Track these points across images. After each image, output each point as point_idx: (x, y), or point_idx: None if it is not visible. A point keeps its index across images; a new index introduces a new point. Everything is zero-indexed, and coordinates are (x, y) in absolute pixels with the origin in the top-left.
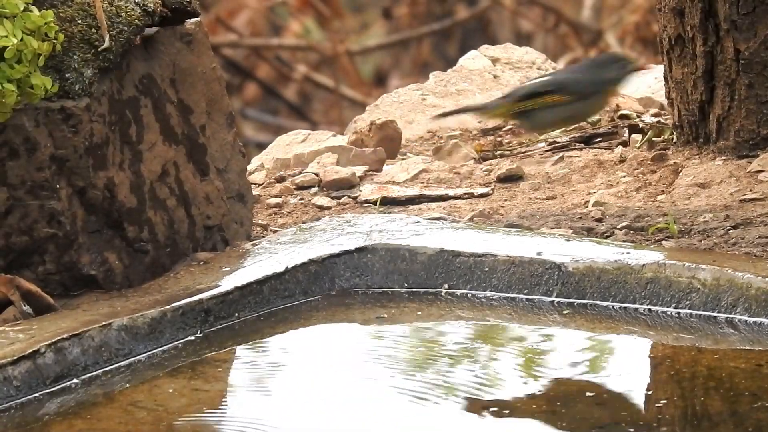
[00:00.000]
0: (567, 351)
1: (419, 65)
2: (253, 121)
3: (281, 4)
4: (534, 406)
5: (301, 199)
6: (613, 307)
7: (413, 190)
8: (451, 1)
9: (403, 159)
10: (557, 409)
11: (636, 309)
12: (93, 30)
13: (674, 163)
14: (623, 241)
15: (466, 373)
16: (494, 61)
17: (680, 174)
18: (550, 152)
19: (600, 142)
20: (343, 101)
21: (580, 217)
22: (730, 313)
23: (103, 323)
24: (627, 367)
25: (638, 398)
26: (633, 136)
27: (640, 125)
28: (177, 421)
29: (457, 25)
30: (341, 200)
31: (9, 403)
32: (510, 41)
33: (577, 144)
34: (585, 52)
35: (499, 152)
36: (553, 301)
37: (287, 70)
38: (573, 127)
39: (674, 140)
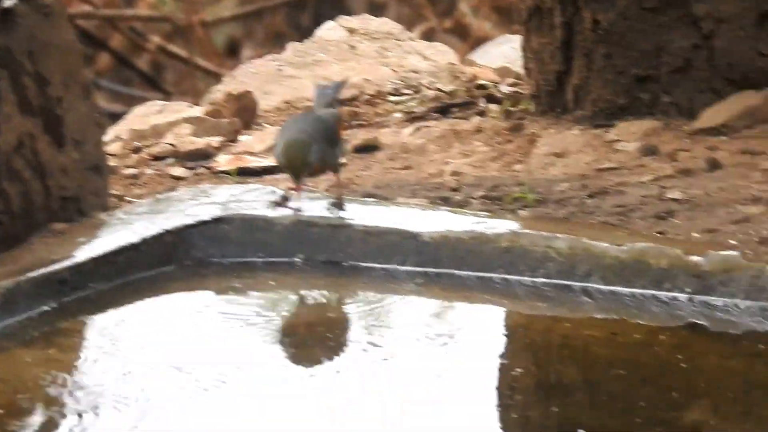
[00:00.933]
0: (422, 320)
1: (273, 36)
2: (105, 91)
3: None
4: (386, 374)
5: (157, 170)
6: (468, 276)
7: (269, 161)
8: None
9: (259, 129)
10: (410, 377)
11: (491, 278)
12: None
13: (531, 132)
14: (479, 210)
15: (319, 341)
16: (351, 31)
17: (537, 143)
18: (406, 122)
19: (457, 112)
20: (197, 72)
21: (437, 187)
22: (586, 282)
23: None
24: (482, 336)
25: (494, 367)
26: (490, 106)
27: (497, 95)
28: (32, 391)
29: None
30: (197, 171)
31: None
32: (364, 12)
33: (434, 114)
34: (440, 23)
35: (355, 122)
36: (408, 270)
37: (141, 40)
38: (430, 97)
39: (531, 110)
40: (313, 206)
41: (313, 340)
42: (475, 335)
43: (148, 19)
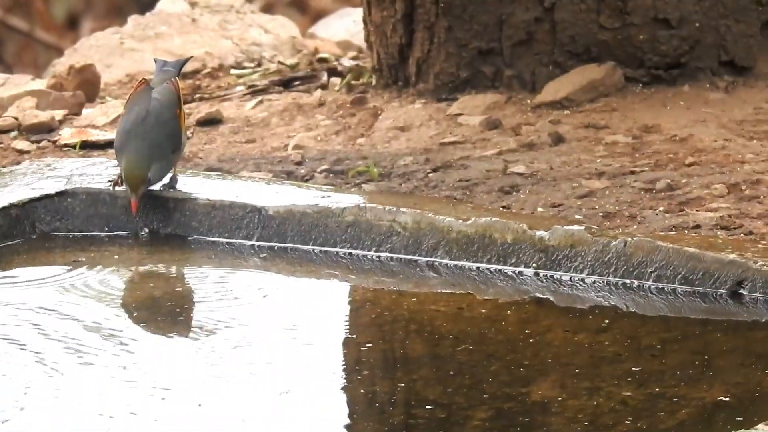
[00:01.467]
0: (267, 294)
1: (114, 8)
2: None
3: None
4: (233, 347)
5: (0, 143)
6: (313, 250)
7: (113, 134)
8: None
9: (102, 103)
10: (255, 354)
11: (337, 253)
12: None
13: (374, 106)
14: (323, 184)
15: (164, 315)
16: (192, 4)
17: (380, 117)
18: (249, 96)
19: (299, 85)
20: (37, 45)
21: (280, 161)
22: (431, 257)
23: None
24: (328, 310)
25: (339, 343)
26: (332, 79)
27: (339, 69)
28: None
29: None
30: (41, 144)
31: None
32: None
33: (277, 88)
34: None
35: (198, 95)
36: (253, 244)
37: None
38: (273, 70)
39: (373, 83)
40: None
41: (158, 314)
42: (321, 310)
43: None
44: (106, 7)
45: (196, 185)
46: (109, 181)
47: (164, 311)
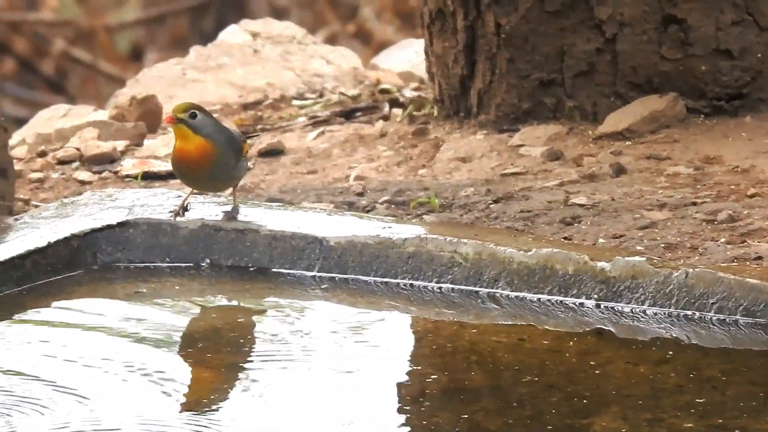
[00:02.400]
0: (329, 326)
1: (176, 40)
2: (10, 96)
3: None
4: (297, 379)
5: (62, 174)
6: (374, 281)
7: None
8: None
9: (164, 134)
10: (318, 384)
11: (398, 284)
12: None
13: (435, 137)
14: (385, 215)
15: (225, 346)
16: (254, 35)
17: (441, 148)
18: (311, 126)
19: (361, 116)
20: (101, 76)
21: (342, 192)
22: (492, 288)
23: None
24: (389, 342)
25: (402, 374)
26: (393, 110)
27: (401, 100)
28: None
29: (213, 1)
30: (103, 175)
31: None
32: (267, 16)
33: (338, 118)
34: (343, 27)
35: (260, 126)
36: (314, 275)
37: (44, 44)
38: (334, 101)
39: (435, 114)
40: (216, 211)
41: (219, 345)
42: (383, 342)
43: (51, 23)
44: (169, 39)
45: (257, 216)
46: (171, 212)
47: (226, 342)
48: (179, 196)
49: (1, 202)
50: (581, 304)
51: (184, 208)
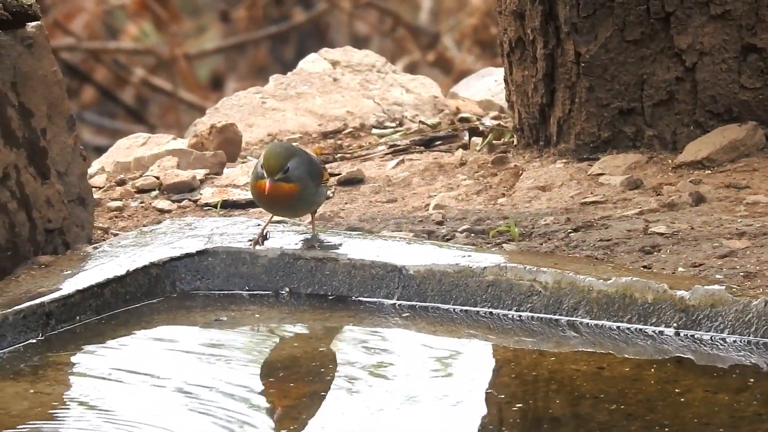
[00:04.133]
0: (408, 354)
1: (256, 69)
2: (90, 125)
3: (118, 8)
4: (377, 407)
5: (141, 203)
6: (454, 310)
7: None
8: (288, 5)
9: (243, 162)
10: (397, 409)
11: (477, 312)
12: None
13: (515, 165)
14: (464, 244)
15: (306, 373)
16: (334, 64)
17: (521, 177)
18: (390, 155)
19: (440, 145)
20: (181, 105)
21: (421, 220)
22: (572, 316)
23: None
24: (469, 369)
25: (481, 401)
26: (473, 139)
27: (481, 128)
28: (19, 425)
29: (294, 29)
30: (182, 203)
31: None
32: (347, 45)
33: (418, 147)
34: (423, 55)
35: (339, 155)
36: (394, 303)
37: (125, 73)
38: (414, 130)
39: (515, 143)
40: (295, 240)
41: (299, 374)
42: (463, 370)
43: (131, 52)
44: (249, 67)
45: (337, 244)
46: (250, 241)
47: (305, 371)
48: (258, 225)
49: (80, 231)
50: (660, 332)
51: (264, 237)
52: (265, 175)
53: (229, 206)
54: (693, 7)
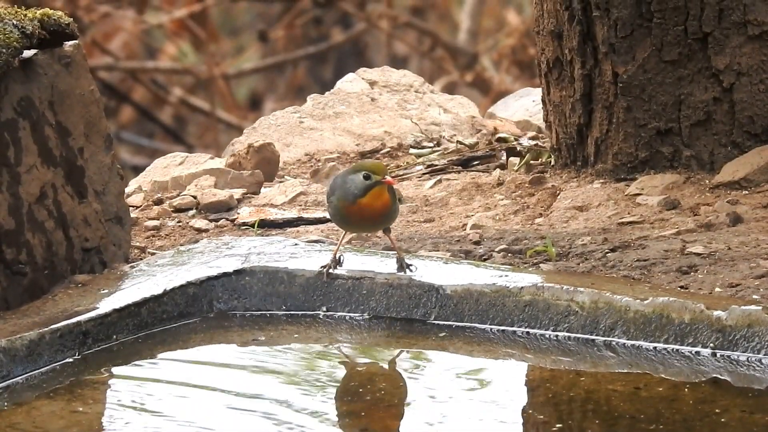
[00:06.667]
0: (445, 373)
1: (294, 89)
2: (128, 144)
3: (157, 27)
4: (413, 427)
5: (179, 222)
6: (491, 329)
7: (291, 213)
8: (326, 25)
9: (281, 182)
10: (434, 428)
11: (514, 332)
12: None
13: (552, 186)
14: (501, 264)
15: (344, 393)
16: (372, 83)
17: (558, 197)
18: (428, 175)
19: (478, 165)
20: (219, 124)
21: (458, 240)
22: (609, 336)
23: None
24: (505, 389)
25: (517, 421)
26: (511, 159)
27: (518, 148)
28: None
29: (332, 49)
30: (219, 223)
31: None
32: (385, 64)
33: (455, 167)
34: (461, 76)
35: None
36: (431, 323)
37: (163, 93)
38: (451, 150)
39: (552, 163)
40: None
41: (338, 393)
42: (500, 389)
43: (170, 71)
44: (288, 87)
45: (374, 264)
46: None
47: (343, 391)
48: (296, 245)
49: (117, 250)
50: (697, 353)
51: (338, 261)
52: (374, 177)
53: (267, 225)
54: (730, 28)
